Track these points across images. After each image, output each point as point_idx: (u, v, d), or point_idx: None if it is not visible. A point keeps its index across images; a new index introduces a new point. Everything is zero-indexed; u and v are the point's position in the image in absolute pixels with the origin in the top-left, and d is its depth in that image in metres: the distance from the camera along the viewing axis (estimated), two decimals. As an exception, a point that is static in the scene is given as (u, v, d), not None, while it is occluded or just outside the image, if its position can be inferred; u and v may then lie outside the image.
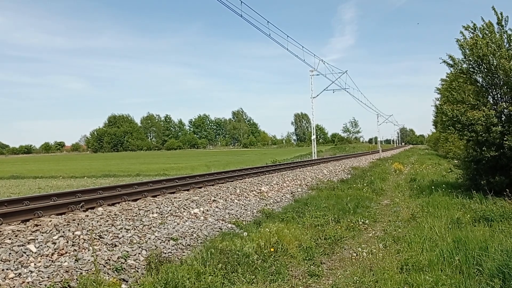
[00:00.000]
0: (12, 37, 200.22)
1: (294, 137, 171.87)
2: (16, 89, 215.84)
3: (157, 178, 20.50)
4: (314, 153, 39.18)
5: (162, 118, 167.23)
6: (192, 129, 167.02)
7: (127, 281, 5.82)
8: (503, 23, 12.41)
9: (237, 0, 16.14)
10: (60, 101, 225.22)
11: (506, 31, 12.38)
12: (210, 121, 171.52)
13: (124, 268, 6.15)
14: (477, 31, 12.73)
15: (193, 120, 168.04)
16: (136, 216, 8.55)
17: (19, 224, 7.22)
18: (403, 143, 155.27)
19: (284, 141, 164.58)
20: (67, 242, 6.43)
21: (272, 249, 7.06)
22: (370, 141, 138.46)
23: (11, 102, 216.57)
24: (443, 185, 14.04)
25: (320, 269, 6.65)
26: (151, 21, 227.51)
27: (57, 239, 6.46)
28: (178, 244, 7.64)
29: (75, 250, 6.29)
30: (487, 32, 12.48)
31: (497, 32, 12.42)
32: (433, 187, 14.12)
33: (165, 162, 49.08)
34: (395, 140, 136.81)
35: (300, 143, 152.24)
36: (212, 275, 5.78)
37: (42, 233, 6.64)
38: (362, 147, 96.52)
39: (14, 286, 5.05)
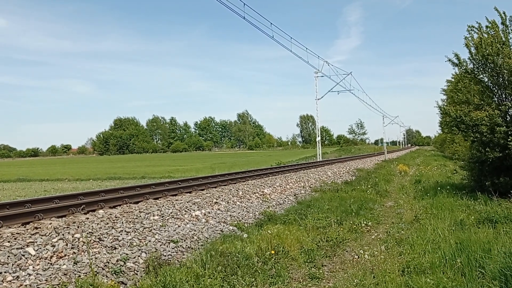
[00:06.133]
0: (19, 41, 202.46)
1: (300, 139, 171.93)
2: (23, 92, 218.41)
3: (161, 180, 20.52)
4: (319, 154, 39.06)
5: (167, 120, 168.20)
6: (197, 131, 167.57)
7: (125, 284, 5.79)
8: (507, 22, 12.30)
9: (240, 2, 16.16)
10: (67, 104, 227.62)
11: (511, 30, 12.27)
12: (216, 123, 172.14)
13: (123, 271, 6.12)
14: (482, 31, 12.62)
15: (199, 122, 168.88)
16: (136, 218, 8.54)
17: (19, 227, 7.23)
18: (409, 145, 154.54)
19: (289, 143, 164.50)
20: (67, 244, 6.42)
21: (273, 252, 7.00)
22: (376, 142, 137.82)
23: (18, 105, 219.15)
24: (448, 187, 13.91)
25: (321, 271, 6.58)
26: (156, 24, 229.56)
27: (56, 241, 6.45)
28: (178, 246, 7.60)
29: (74, 253, 6.28)
30: (492, 32, 12.37)
31: (502, 31, 12.30)
32: (438, 188, 13.99)
33: (170, 165, 49.21)
34: (401, 141, 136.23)
35: (306, 144, 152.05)
36: (211, 278, 5.73)
37: (42, 235, 6.64)
38: (367, 148, 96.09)
39: (11, 289, 5.04)
